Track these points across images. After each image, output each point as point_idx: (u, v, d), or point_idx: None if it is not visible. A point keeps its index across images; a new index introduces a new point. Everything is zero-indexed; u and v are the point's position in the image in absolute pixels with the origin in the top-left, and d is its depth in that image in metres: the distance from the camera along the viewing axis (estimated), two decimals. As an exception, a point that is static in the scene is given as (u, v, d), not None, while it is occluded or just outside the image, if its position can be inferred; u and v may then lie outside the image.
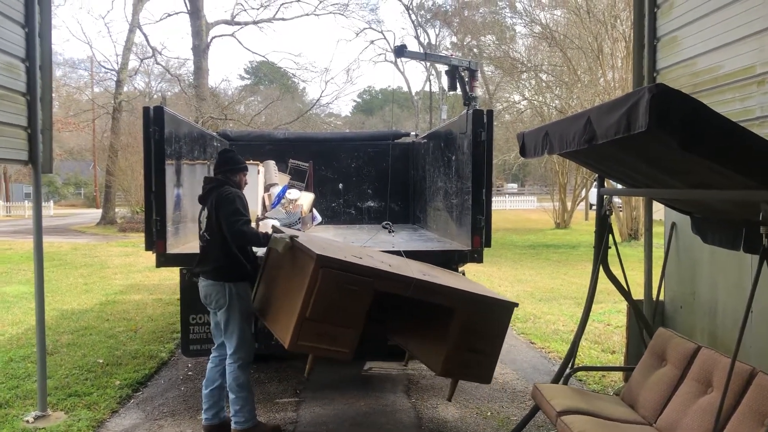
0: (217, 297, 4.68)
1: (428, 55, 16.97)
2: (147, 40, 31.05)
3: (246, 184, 5.05)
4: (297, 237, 4.55)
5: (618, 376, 6.19)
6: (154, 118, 5.47)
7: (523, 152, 4.34)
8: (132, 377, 6.21)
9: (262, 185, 8.64)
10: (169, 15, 33.02)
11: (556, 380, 4.76)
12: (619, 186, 5.05)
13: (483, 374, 4.82)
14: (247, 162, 5.30)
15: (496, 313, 4.75)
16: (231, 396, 4.72)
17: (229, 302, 4.66)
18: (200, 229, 4.82)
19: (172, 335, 7.86)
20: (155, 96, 30.83)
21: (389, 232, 7.25)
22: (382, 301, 4.82)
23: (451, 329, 4.56)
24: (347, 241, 6.71)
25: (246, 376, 4.75)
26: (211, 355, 4.97)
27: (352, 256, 4.51)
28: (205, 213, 4.76)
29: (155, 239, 5.48)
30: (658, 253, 6.04)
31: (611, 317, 8.91)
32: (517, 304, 4.92)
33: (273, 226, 5.43)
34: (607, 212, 4.78)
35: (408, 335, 5.37)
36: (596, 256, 4.74)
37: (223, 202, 4.61)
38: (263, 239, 4.63)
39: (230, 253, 4.62)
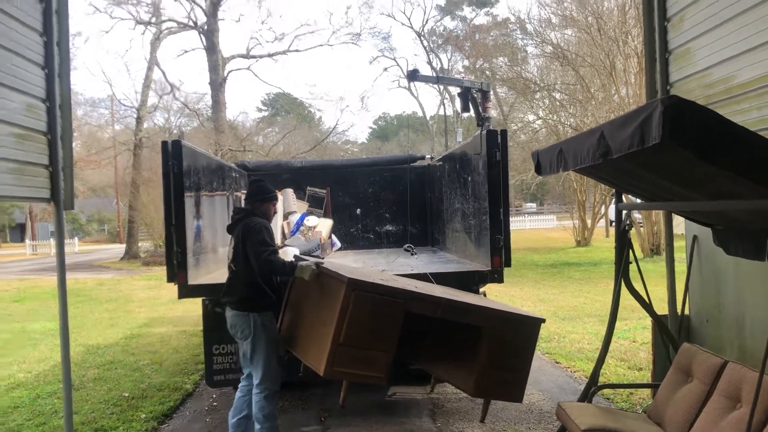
0: (242, 327, 4.70)
1: (440, 78, 17.12)
2: (165, 77, 31.70)
3: (275, 213, 5.12)
4: (323, 263, 4.57)
5: (647, 393, 6.08)
6: (173, 152, 5.55)
7: (538, 170, 4.33)
8: (157, 410, 6.22)
9: (281, 213, 8.69)
10: (186, 51, 33.73)
11: (581, 399, 4.70)
12: (638, 200, 5.02)
13: (515, 392, 4.81)
14: None
15: (524, 330, 4.76)
16: (257, 426, 4.71)
17: (254, 332, 4.67)
18: (228, 258, 4.88)
19: (196, 366, 7.88)
20: (174, 131, 31.29)
21: (412, 254, 7.25)
22: (409, 325, 4.80)
23: (481, 348, 4.56)
24: (367, 265, 6.72)
25: (272, 406, 4.73)
26: (240, 384, 4.97)
27: (380, 279, 4.53)
28: (232, 243, 4.81)
29: (177, 271, 5.53)
30: (681, 268, 5.96)
31: (637, 334, 8.78)
32: (544, 320, 4.93)
33: (294, 255, 5.47)
34: (627, 227, 4.75)
35: (435, 359, 5.33)
36: (617, 272, 4.70)
37: (249, 232, 4.65)
38: (289, 268, 4.64)
39: (255, 283, 4.65)
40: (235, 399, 4.93)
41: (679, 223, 6.80)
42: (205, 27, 29.57)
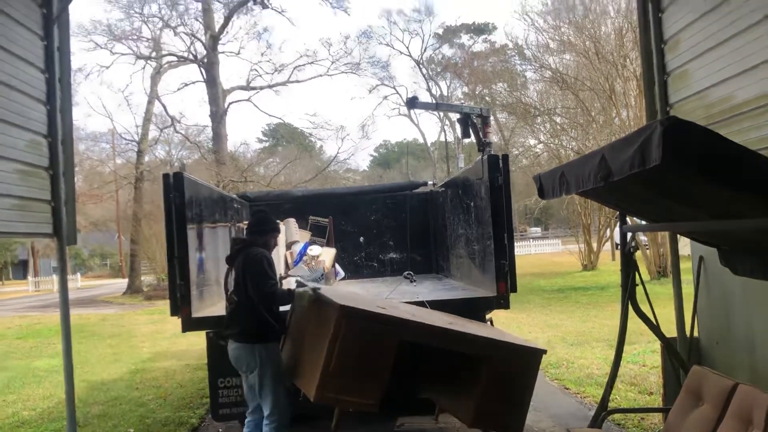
0: (247, 360, 4.62)
1: (439, 105, 17.23)
2: (165, 110, 31.80)
3: (276, 245, 5.08)
4: (320, 289, 4.54)
5: (658, 418, 5.98)
6: (174, 184, 5.56)
7: (541, 194, 4.33)
8: (162, 445, 6.14)
9: (283, 243, 8.66)
10: (186, 84, 33.85)
11: (591, 425, 4.63)
12: (642, 222, 5.00)
13: (514, 425, 4.66)
14: None
15: (524, 361, 4.64)
16: None
17: (260, 364, 4.59)
18: (226, 291, 4.80)
19: (201, 400, 7.80)
20: (176, 164, 31.44)
21: (411, 282, 7.21)
22: (413, 354, 4.76)
23: (479, 378, 4.46)
24: (370, 293, 6.68)
25: None
26: (246, 420, 4.88)
27: (377, 307, 4.49)
28: (233, 275, 4.72)
29: (180, 304, 5.50)
30: (689, 290, 5.92)
31: (646, 357, 8.68)
32: (545, 351, 4.79)
33: (297, 281, 5.43)
34: (632, 249, 4.72)
35: (438, 387, 5.28)
36: (624, 295, 4.66)
37: (250, 263, 4.61)
38: (288, 296, 4.64)
39: (258, 314, 4.59)
40: None
41: (686, 244, 6.77)
42: (205, 60, 29.88)
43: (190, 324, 5.55)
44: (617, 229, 5.26)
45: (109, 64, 31.73)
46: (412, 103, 12.91)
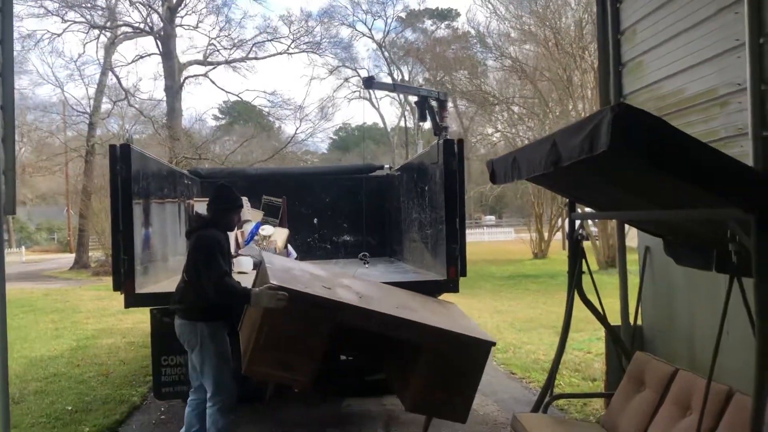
0: (189, 337, 4.54)
1: (397, 86, 17.15)
2: (119, 82, 30.84)
3: (240, 221, 4.96)
4: (273, 284, 4.29)
5: (600, 404, 6.10)
6: (121, 156, 5.39)
7: (493, 179, 4.32)
8: (102, 423, 6.00)
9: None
10: (141, 57, 32.92)
11: (535, 409, 4.67)
12: (590, 210, 5.06)
13: (457, 414, 4.60)
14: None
15: (470, 352, 4.51)
16: None
17: (201, 343, 4.49)
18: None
19: (144, 378, 7.64)
20: (127, 139, 30.62)
21: (364, 264, 7.18)
22: (361, 333, 4.71)
23: (419, 365, 4.40)
24: (330, 271, 6.62)
25: (225, 420, 4.54)
26: (189, 399, 4.79)
27: (321, 287, 4.44)
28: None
29: (124, 279, 5.36)
30: (635, 280, 6.03)
31: (591, 345, 8.85)
32: (494, 343, 4.66)
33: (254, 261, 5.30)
34: (580, 237, 4.77)
35: (387, 369, 5.26)
36: (570, 282, 4.71)
37: (199, 248, 4.46)
38: (243, 296, 4.27)
39: (205, 295, 4.41)
40: (185, 414, 4.74)
41: (634, 236, 6.89)
42: (162, 33, 29.14)
43: (133, 300, 5.41)
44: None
45: (60, 32, 30.57)
46: (369, 82, 12.81)
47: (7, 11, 5.21)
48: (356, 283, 5.23)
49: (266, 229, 8.08)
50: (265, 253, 6.31)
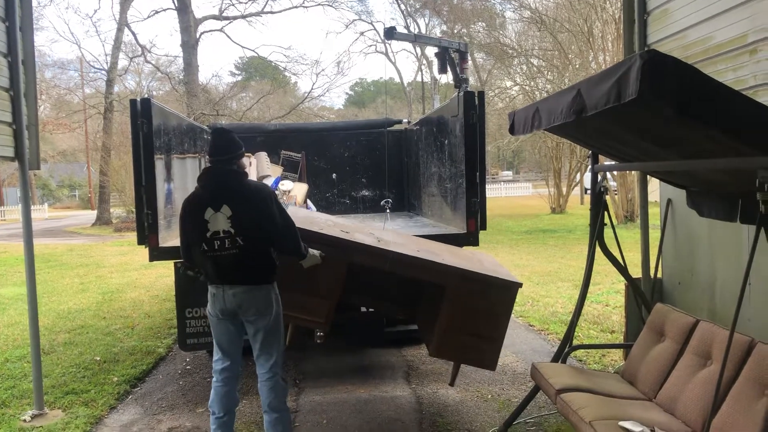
0: (258, 303, 3.96)
1: (418, 37, 16.83)
2: (136, 39, 30.83)
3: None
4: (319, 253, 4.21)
5: (618, 355, 6.16)
6: (142, 111, 5.40)
7: (512, 130, 4.29)
8: (129, 373, 6.17)
9: (254, 177, 8.57)
10: (157, 12, 32.77)
11: (555, 360, 4.73)
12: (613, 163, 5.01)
13: (485, 359, 4.51)
14: None
15: (494, 293, 4.40)
16: (273, 416, 4.08)
17: (275, 306, 4.03)
18: (215, 232, 3.89)
19: (169, 331, 7.81)
20: (146, 94, 30.65)
21: (387, 210, 7.26)
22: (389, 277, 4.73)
23: (442, 309, 4.36)
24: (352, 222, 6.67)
25: (287, 387, 4.25)
26: (222, 376, 4.13)
27: (340, 232, 4.48)
28: (224, 213, 3.88)
29: (147, 233, 5.42)
30: (656, 234, 6.00)
31: (609, 298, 8.89)
32: (520, 284, 4.51)
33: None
34: (602, 189, 4.73)
35: (419, 315, 5.29)
36: (592, 235, 4.70)
37: (270, 197, 3.98)
38: (305, 250, 4.11)
39: (268, 252, 4.01)
40: (218, 392, 4.12)
41: (654, 190, 6.84)
42: (177, -14, 28.79)
43: (157, 254, 5.49)
44: (587, 174, 5.27)
45: (76, -13, 30.42)
46: (390, 33, 12.59)
47: (25, -35, 5.18)
48: (381, 231, 5.26)
49: (286, 184, 8.10)
50: (289, 207, 6.36)
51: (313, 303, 4.28)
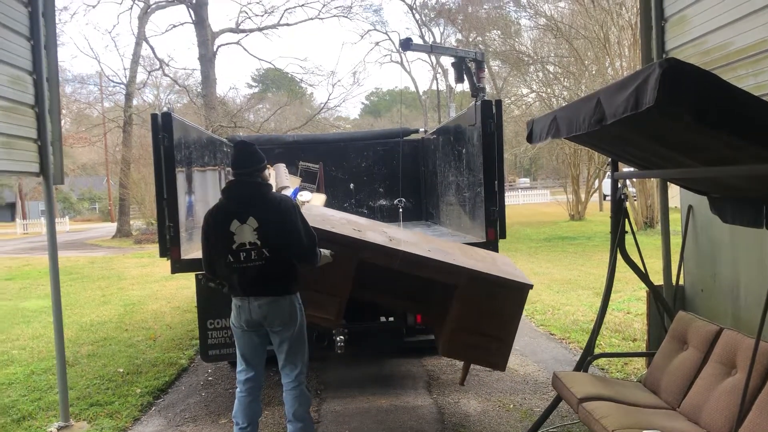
0: (288, 313, 4.02)
1: (434, 47, 16.84)
2: (154, 52, 31.45)
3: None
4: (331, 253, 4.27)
5: (641, 363, 6.11)
6: (163, 124, 5.47)
7: (530, 138, 4.29)
8: (152, 385, 6.22)
9: (273, 188, 8.63)
10: (174, 26, 33.30)
11: (577, 369, 4.70)
12: (633, 169, 4.99)
13: (495, 360, 4.51)
14: None
15: (506, 294, 4.41)
16: (298, 425, 4.12)
17: (300, 316, 4.10)
18: (241, 244, 3.94)
19: (191, 342, 7.88)
20: (165, 107, 30.99)
21: (399, 209, 7.31)
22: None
23: (451, 308, 4.38)
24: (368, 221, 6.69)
25: (310, 396, 4.32)
26: (246, 387, 4.18)
27: (352, 230, 4.52)
28: (250, 225, 3.92)
29: (169, 246, 5.47)
30: (676, 240, 5.96)
31: (631, 305, 8.82)
32: (531, 286, 4.50)
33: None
34: (623, 196, 4.72)
35: (431, 314, 5.30)
36: (613, 241, 4.68)
37: (292, 209, 4.03)
38: (320, 256, 4.16)
39: (292, 263, 4.05)
40: (242, 402, 4.17)
41: (674, 195, 6.79)
42: (194, 1, 29.12)
43: (179, 266, 5.54)
44: (606, 180, 5.26)
45: (95, 4, 30.93)
46: (407, 44, 12.61)
47: (48, -16, 5.30)
48: (395, 230, 5.26)
49: (305, 195, 8.16)
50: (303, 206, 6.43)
51: (324, 300, 4.33)
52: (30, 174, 5.20)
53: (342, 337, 5.42)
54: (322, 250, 4.18)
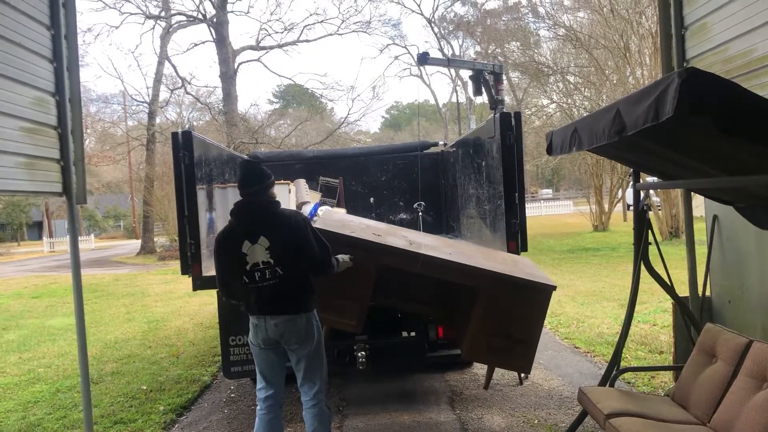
0: (305, 330, 3.99)
1: (451, 61, 16.94)
2: (176, 71, 31.85)
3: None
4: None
5: (668, 377, 5.99)
6: (183, 143, 5.51)
7: (549, 150, 4.26)
8: (176, 402, 6.23)
9: (294, 204, 8.65)
10: (196, 45, 33.78)
11: (602, 383, 4.63)
12: (656, 180, 4.92)
13: (519, 362, 4.49)
14: (278, 182, 5.26)
15: (529, 296, 4.37)
16: None
17: (317, 334, 4.06)
18: (254, 264, 3.94)
19: (213, 359, 7.89)
20: (187, 125, 31.35)
21: (420, 212, 7.32)
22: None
23: (474, 310, 4.34)
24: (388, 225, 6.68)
25: (331, 414, 4.33)
26: (266, 404, 4.17)
27: (372, 235, 4.51)
28: (261, 245, 3.93)
29: (190, 263, 5.49)
30: (701, 250, 5.86)
31: (657, 317, 8.67)
32: (554, 287, 4.45)
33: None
34: (645, 207, 4.65)
35: (452, 319, 5.26)
36: (636, 253, 4.61)
37: (305, 225, 4.02)
38: (336, 265, 4.17)
39: (308, 279, 4.05)
40: (263, 420, 4.17)
41: (698, 205, 6.69)
42: (215, 20, 29.53)
43: (200, 283, 5.55)
44: (629, 190, 5.19)
45: (118, 24, 31.54)
46: (424, 59, 12.67)
47: (70, 7, 5.39)
48: (416, 234, 5.23)
49: (325, 210, 8.17)
50: (323, 210, 6.44)
51: (345, 305, 4.33)
52: (53, 194, 5.25)
53: (363, 352, 5.40)
54: (341, 255, 4.21)
